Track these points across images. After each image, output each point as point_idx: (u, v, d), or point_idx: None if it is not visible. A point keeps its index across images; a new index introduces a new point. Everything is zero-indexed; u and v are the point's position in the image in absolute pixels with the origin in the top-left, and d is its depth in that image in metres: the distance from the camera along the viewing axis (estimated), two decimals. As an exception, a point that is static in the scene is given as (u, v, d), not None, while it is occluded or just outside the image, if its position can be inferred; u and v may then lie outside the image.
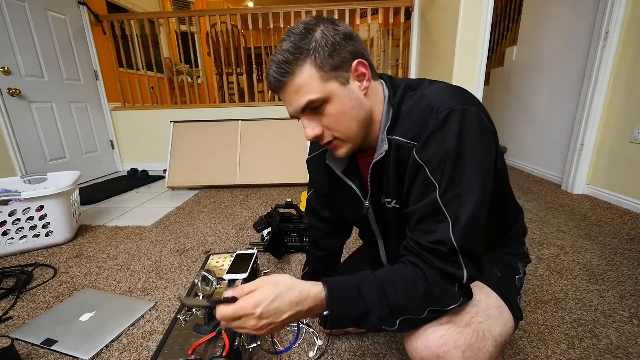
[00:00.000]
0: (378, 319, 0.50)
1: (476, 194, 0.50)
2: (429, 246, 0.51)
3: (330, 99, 0.53)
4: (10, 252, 1.46)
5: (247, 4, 6.52)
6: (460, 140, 0.49)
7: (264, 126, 2.68)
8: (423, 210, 0.52)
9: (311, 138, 0.56)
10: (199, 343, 0.63)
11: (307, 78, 0.52)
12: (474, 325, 0.53)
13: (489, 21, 1.88)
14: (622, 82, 1.83)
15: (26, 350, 0.89)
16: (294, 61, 0.51)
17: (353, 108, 0.55)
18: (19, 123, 2.29)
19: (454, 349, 0.51)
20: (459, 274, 0.50)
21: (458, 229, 0.49)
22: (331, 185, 0.72)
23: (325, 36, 0.52)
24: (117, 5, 3.50)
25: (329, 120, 0.55)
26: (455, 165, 0.49)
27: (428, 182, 0.51)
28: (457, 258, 0.50)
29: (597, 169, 2.03)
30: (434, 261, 0.51)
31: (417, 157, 0.52)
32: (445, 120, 0.50)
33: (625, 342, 0.86)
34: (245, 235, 1.61)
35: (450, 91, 0.54)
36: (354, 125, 0.56)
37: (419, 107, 0.53)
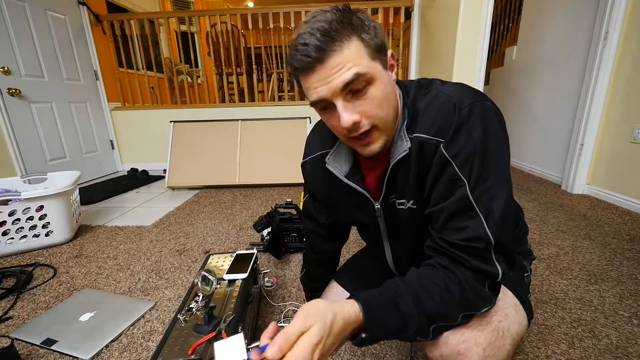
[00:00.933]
0: (415, 331, 0.48)
1: (505, 187, 0.50)
2: (462, 244, 0.49)
3: (375, 80, 0.48)
4: (10, 252, 1.46)
5: (247, 4, 6.52)
6: (486, 134, 0.49)
7: (264, 126, 2.68)
8: (452, 207, 0.50)
9: (349, 125, 0.49)
10: (199, 343, 0.63)
11: (356, 51, 0.46)
12: (494, 324, 0.53)
13: (489, 21, 1.88)
14: (622, 82, 1.83)
15: (26, 350, 0.89)
16: (343, 32, 0.46)
17: (392, 93, 0.52)
18: (19, 123, 2.29)
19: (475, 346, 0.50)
20: (494, 271, 0.49)
21: (493, 223, 0.48)
22: (330, 190, 0.69)
23: (365, 17, 0.48)
24: (117, 5, 3.50)
25: (371, 104, 0.49)
26: (484, 159, 0.48)
27: (456, 177, 0.49)
28: (490, 255, 0.49)
29: (597, 169, 2.03)
30: (469, 260, 0.49)
31: (445, 153, 0.50)
32: (470, 114, 0.49)
33: (625, 342, 0.86)
34: (245, 235, 1.61)
35: (465, 88, 0.54)
36: (392, 113, 0.53)
37: (438, 104, 0.52)
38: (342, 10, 0.47)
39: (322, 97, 0.49)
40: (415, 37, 2.86)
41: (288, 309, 1.04)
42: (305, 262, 0.94)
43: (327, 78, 0.47)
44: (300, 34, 0.47)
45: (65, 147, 2.69)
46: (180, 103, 3.26)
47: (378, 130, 0.52)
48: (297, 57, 0.47)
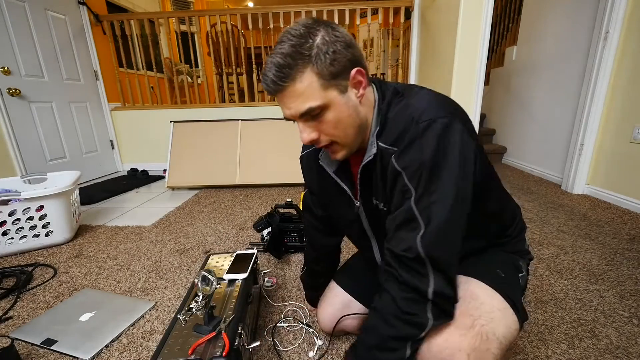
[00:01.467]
0: None
1: (450, 203, 0.50)
2: (398, 254, 0.51)
3: (329, 107, 0.53)
4: (10, 252, 1.46)
5: (247, 4, 6.52)
6: (437, 150, 0.49)
7: (264, 126, 2.68)
8: (400, 217, 0.53)
9: (307, 142, 0.56)
10: (199, 343, 0.63)
11: (308, 85, 0.50)
12: (477, 327, 0.53)
13: (489, 21, 1.88)
14: (622, 82, 1.83)
15: (26, 350, 0.89)
16: (295, 66, 0.49)
17: (350, 116, 0.55)
18: (19, 123, 2.29)
19: (458, 351, 0.51)
20: (422, 287, 0.49)
21: (426, 236, 0.49)
22: (323, 184, 0.72)
23: (326, 42, 0.50)
24: (117, 5, 3.50)
25: (327, 126, 0.54)
26: (431, 174, 0.50)
27: (406, 188, 0.52)
28: (423, 268, 0.50)
29: (597, 169, 2.03)
30: (401, 273, 0.51)
31: (395, 164, 0.53)
32: (425, 131, 0.50)
33: (625, 342, 0.86)
34: (245, 235, 1.61)
35: (436, 101, 0.54)
36: (351, 131, 0.57)
37: (403, 115, 0.54)
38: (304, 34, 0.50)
39: (287, 116, 0.55)
40: (415, 37, 2.86)
41: (288, 309, 1.04)
42: (306, 259, 0.95)
43: (286, 105, 0.53)
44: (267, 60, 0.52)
45: (65, 147, 2.69)
46: (180, 103, 3.26)
47: (338, 145, 0.57)
48: (263, 82, 0.53)
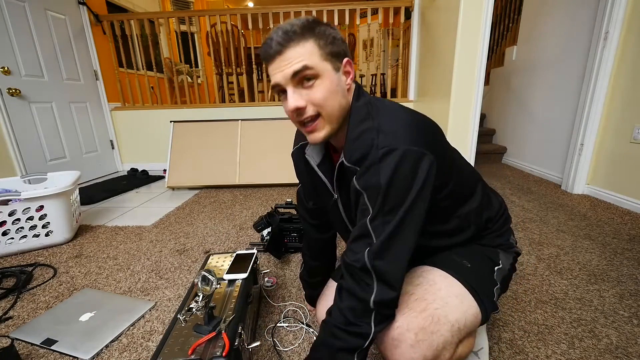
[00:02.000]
0: None
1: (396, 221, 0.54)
2: (349, 263, 0.56)
3: (322, 76, 0.56)
4: (10, 252, 1.46)
5: (247, 4, 6.52)
6: (391, 178, 0.53)
7: (264, 126, 2.68)
8: (356, 232, 0.57)
9: (292, 108, 0.57)
10: (199, 343, 0.63)
11: (308, 50, 0.55)
12: (430, 310, 0.58)
13: (489, 21, 1.87)
14: (622, 82, 1.83)
15: (26, 350, 0.89)
16: (301, 34, 0.55)
17: (338, 93, 0.59)
18: (19, 123, 2.29)
19: (407, 331, 0.56)
20: (365, 296, 0.54)
21: (373, 248, 0.54)
22: (309, 177, 0.76)
23: (327, 28, 0.58)
24: (117, 5, 3.50)
25: (317, 95, 0.56)
26: (386, 198, 0.54)
27: (364, 207, 0.56)
28: (368, 279, 0.54)
29: (597, 169, 2.03)
30: (348, 281, 0.56)
31: (356, 184, 0.57)
32: (383, 158, 0.54)
33: (625, 342, 0.86)
34: (245, 235, 1.61)
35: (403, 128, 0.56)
36: (337, 108, 0.59)
37: (367, 138, 0.57)
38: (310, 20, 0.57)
39: (277, 82, 0.57)
40: (415, 37, 2.86)
41: (288, 309, 1.04)
42: (303, 256, 0.97)
43: (281, 67, 0.56)
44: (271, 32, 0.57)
45: (65, 147, 2.69)
46: (180, 103, 3.26)
47: (322, 120, 0.59)
48: (263, 48, 0.57)
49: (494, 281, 0.69)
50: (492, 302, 0.66)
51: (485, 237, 0.74)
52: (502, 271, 0.71)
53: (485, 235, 0.74)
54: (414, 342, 0.55)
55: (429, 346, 0.55)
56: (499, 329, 0.91)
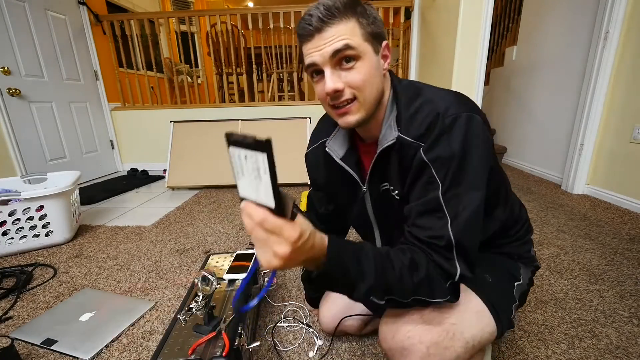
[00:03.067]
0: (369, 288, 0.50)
1: (476, 195, 0.53)
2: (427, 240, 0.53)
3: (363, 57, 0.54)
4: (10, 252, 1.46)
5: (247, 4, 6.52)
6: (464, 144, 0.52)
7: (264, 126, 2.68)
8: (424, 206, 0.54)
9: (332, 90, 0.54)
10: (199, 343, 0.63)
11: (351, 29, 0.53)
12: (446, 325, 0.55)
13: (489, 21, 1.88)
14: (622, 82, 1.83)
15: (26, 350, 0.89)
16: (344, 11, 0.52)
17: (377, 77, 0.57)
18: (19, 123, 2.29)
19: (419, 343, 0.53)
20: (453, 271, 0.51)
21: (456, 225, 0.51)
22: (329, 174, 0.73)
23: (369, 8, 0.55)
24: (117, 5, 3.50)
25: (356, 77, 0.54)
26: (459, 166, 0.52)
27: (432, 180, 0.53)
28: (452, 255, 0.52)
29: (597, 169, 2.02)
30: (432, 254, 0.52)
31: (424, 157, 0.54)
32: (452, 125, 0.52)
33: (625, 342, 0.86)
34: (245, 235, 1.61)
35: (455, 98, 0.56)
36: (375, 92, 0.57)
37: (426, 110, 0.55)
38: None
39: (314, 62, 0.54)
40: (415, 37, 2.86)
41: (288, 309, 1.04)
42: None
43: (320, 46, 0.53)
44: (310, 7, 0.54)
45: (65, 147, 2.69)
46: (180, 103, 3.26)
47: (358, 103, 0.56)
48: (302, 24, 0.54)
49: (513, 298, 0.66)
50: (509, 319, 0.64)
51: (508, 245, 0.71)
52: (521, 287, 0.69)
53: (508, 242, 0.71)
54: (425, 356, 0.53)
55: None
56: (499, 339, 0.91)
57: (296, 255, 0.41)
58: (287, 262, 0.42)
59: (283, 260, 0.41)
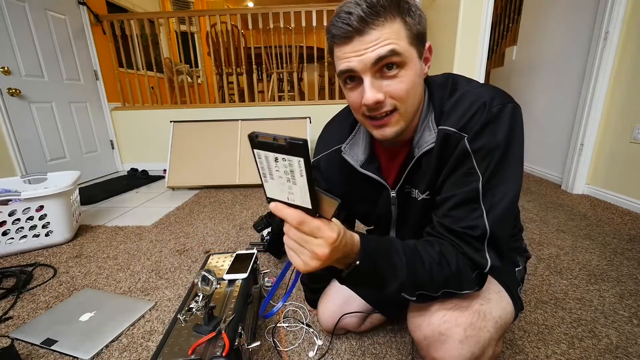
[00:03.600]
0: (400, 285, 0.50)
1: (514, 186, 0.52)
2: (460, 231, 0.52)
3: (407, 65, 0.49)
4: (10, 252, 1.46)
5: (247, 4, 6.52)
6: (510, 135, 0.51)
7: (264, 126, 2.68)
8: (461, 197, 0.52)
9: (373, 102, 0.49)
10: (199, 343, 0.63)
11: (396, 31, 0.47)
12: (476, 306, 0.55)
13: (489, 21, 1.88)
14: (622, 82, 1.83)
15: (26, 350, 0.89)
16: (389, 9, 0.46)
17: (420, 85, 0.53)
18: (19, 123, 2.29)
19: (456, 326, 0.53)
20: (483, 263, 0.51)
21: (492, 217, 0.51)
22: (345, 182, 0.69)
23: (414, 4, 0.49)
24: (117, 5, 3.50)
25: (399, 87, 0.49)
26: (502, 158, 0.51)
27: (472, 171, 0.51)
28: (483, 246, 0.51)
29: (597, 169, 2.03)
30: (462, 246, 0.52)
31: (467, 146, 0.51)
32: (498, 115, 0.51)
33: (625, 342, 0.86)
34: (245, 235, 1.61)
35: (495, 89, 0.55)
36: (416, 103, 0.53)
37: (468, 101, 0.53)
38: None
39: (351, 68, 0.48)
40: (415, 37, 2.85)
41: (288, 309, 1.04)
42: None
43: (361, 50, 0.47)
44: (347, 2, 0.47)
45: (65, 147, 2.69)
46: (180, 103, 3.26)
47: (399, 114, 0.52)
48: (338, 24, 0.47)
49: (517, 280, 0.69)
50: (520, 300, 0.66)
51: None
52: (520, 272, 0.71)
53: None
54: (463, 338, 0.52)
55: (476, 342, 0.53)
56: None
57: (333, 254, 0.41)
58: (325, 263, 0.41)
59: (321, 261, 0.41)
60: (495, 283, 0.62)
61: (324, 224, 0.39)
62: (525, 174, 2.68)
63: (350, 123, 0.68)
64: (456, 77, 0.59)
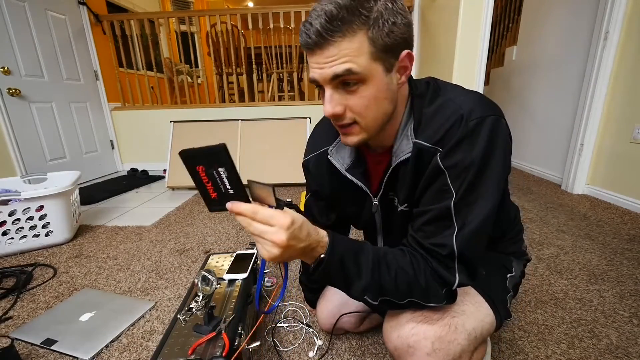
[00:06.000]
0: (364, 288, 0.52)
1: (488, 205, 0.51)
2: (429, 247, 0.52)
3: (369, 80, 0.48)
4: (10, 252, 1.46)
5: (247, 4, 6.52)
6: (486, 151, 0.49)
7: (264, 126, 2.68)
8: (433, 214, 0.52)
9: (330, 115, 0.50)
10: (199, 343, 0.63)
11: (357, 47, 0.45)
12: (446, 319, 0.55)
13: (489, 21, 1.87)
14: (622, 82, 1.83)
15: (26, 350, 0.89)
16: (349, 22, 0.44)
17: (385, 99, 0.51)
18: (19, 123, 2.29)
19: (424, 339, 0.53)
20: (451, 280, 0.51)
21: (462, 235, 0.50)
22: (333, 184, 0.69)
23: (388, 9, 0.45)
24: (117, 5, 3.50)
25: (358, 102, 0.49)
26: (477, 175, 0.49)
27: (446, 188, 0.50)
28: (452, 264, 0.51)
29: (597, 169, 2.02)
30: (432, 262, 0.52)
31: (440, 163, 0.50)
32: (475, 129, 0.49)
33: (625, 342, 0.86)
34: (245, 235, 1.61)
35: (479, 99, 0.53)
36: (380, 117, 0.52)
37: (447, 112, 0.51)
38: None
39: (315, 79, 0.50)
40: (416, 37, 2.86)
41: (288, 309, 1.04)
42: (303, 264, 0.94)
43: (321, 64, 0.47)
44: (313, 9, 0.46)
45: (65, 147, 2.69)
46: (180, 103, 3.26)
47: (359, 127, 0.53)
48: (302, 33, 0.47)
49: (507, 289, 0.68)
50: (506, 309, 0.65)
51: (501, 244, 0.72)
52: (513, 279, 0.70)
53: (501, 242, 0.72)
54: (431, 351, 0.53)
55: (445, 355, 0.53)
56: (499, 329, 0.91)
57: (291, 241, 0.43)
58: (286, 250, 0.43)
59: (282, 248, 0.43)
60: (474, 294, 0.62)
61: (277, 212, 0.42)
62: (525, 174, 2.68)
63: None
64: (440, 82, 0.58)
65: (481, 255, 0.54)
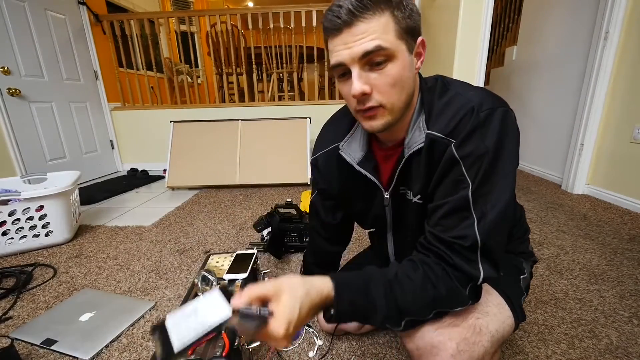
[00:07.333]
0: (384, 318, 0.51)
1: (506, 194, 0.50)
2: (450, 241, 0.51)
3: (396, 58, 0.49)
4: (10, 252, 1.45)
5: (247, 4, 6.52)
6: (499, 140, 0.50)
7: (264, 126, 2.68)
8: (451, 205, 0.51)
9: (359, 93, 0.50)
10: (199, 343, 0.63)
11: (384, 25, 0.47)
12: (471, 320, 0.54)
13: (489, 21, 1.88)
14: (622, 82, 1.83)
15: (26, 350, 0.88)
16: (378, 2, 0.47)
17: (409, 78, 0.52)
18: (19, 123, 2.29)
19: (449, 340, 0.53)
20: (475, 274, 0.50)
21: (483, 225, 0.49)
22: (343, 180, 0.69)
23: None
24: (117, 5, 3.50)
25: (385, 80, 0.49)
26: (492, 164, 0.49)
27: (461, 178, 0.50)
28: (475, 256, 0.50)
29: (597, 169, 2.03)
30: (452, 257, 0.51)
31: (455, 153, 0.51)
32: (487, 119, 0.50)
33: (625, 342, 0.86)
34: (245, 235, 1.61)
35: (487, 93, 0.54)
36: (404, 97, 0.53)
37: (457, 105, 0.52)
38: None
39: (341, 62, 0.50)
40: (415, 37, 2.86)
41: (288, 309, 1.04)
42: (305, 263, 0.94)
43: (349, 43, 0.48)
44: None
45: (65, 147, 2.69)
46: (180, 103, 3.26)
47: (384, 109, 0.52)
48: (329, 16, 0.48)
49: (521, 290, 0.67)
50: (522, 310, 0.65)
51: (510, 244, 0.71)
52: (525, 280, 0.70)
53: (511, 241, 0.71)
54: (455, 352, 0.52)
55: (469, 357, 0.52)
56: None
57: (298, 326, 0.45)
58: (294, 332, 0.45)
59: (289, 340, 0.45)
60: (496, 295, 0.61)
61: (269, 325, 0.43)
62: (525, 174, 2.68)
63: (348, 121, 0.67)
64: (448, 79, 0.59)
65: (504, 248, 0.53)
